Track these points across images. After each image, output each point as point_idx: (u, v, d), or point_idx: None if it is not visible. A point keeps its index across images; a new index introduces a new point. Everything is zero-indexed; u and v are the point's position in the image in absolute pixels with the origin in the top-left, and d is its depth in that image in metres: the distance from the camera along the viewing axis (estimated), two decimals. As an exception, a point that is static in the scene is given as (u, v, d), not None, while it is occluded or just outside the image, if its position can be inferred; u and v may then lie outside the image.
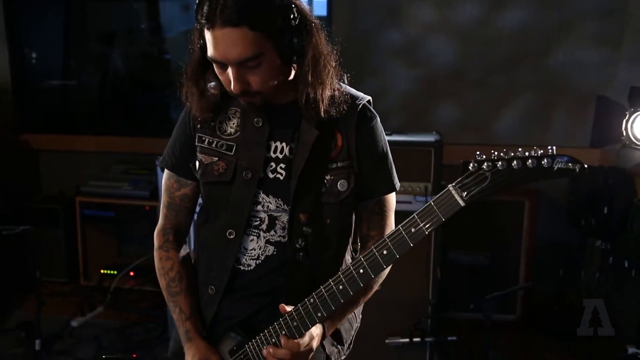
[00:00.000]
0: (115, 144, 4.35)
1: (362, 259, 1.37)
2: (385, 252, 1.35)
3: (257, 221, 1.52)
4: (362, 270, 1.37)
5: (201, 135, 1.56)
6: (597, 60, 3.71)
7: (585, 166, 1.20)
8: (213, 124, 1.55)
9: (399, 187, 1.59)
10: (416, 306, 3.02)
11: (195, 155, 1.56)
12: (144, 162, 4.18)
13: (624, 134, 3.01)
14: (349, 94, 1.52)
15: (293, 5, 1.37)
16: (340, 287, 1.39)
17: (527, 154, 1.22)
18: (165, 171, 1.65)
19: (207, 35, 1.37)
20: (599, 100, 3.41)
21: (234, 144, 1.53)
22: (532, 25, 3.75)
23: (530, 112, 3.87)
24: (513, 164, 1.22)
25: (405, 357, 3.04)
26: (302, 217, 1.49)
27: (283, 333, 1.44)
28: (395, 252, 1.34)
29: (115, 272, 4.09)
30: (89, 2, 4.49)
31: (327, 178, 1.50)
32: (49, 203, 4.22)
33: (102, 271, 4.16)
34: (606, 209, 3.28)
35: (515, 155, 1.23)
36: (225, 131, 1.54)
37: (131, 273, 4.07)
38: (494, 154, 1.24)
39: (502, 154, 1.24)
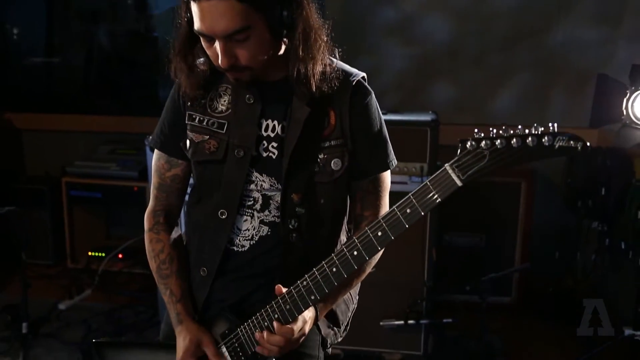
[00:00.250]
0: (101, 123, 4.32)
1: (355, 240, 1.35)
2: (379, 233, 1.33)
3: (250, 201, 1.50)
4: (355, 252, 1.35)
5: (191, 113, 1.54)
6: (596, 39, 3.69)
7: (588, 144, 1.18)
8: (203, 101, 1.53)
9: (395, 164, 1.57)
10: (411, 288, 3.03)
11: (186, 133, 1.54)
12: (132, 142, 4.14)
13: (624, 113, 3.01)
14: (342, 70, 1.50)
15: None
16: (334, 269, 1.37)
17: (527, 132, 1.20)
18: (155, 151, 1.63)
19: (194, 7, 1.34)
20: (599, 79, 3.40)
21: (226, 121, 1.51)
22: (531, 2, 3.73)
23: (528, 92, 3.85)
24: (512, 142, 1.19)
25: (400, 339, 3.05)
26: (294, 197, 1.47)
27: (276, 317, 1.43)
28: (390, 233, 1.32)
29: (104, 255, 4.07)
30: (73, -24, 4.42)
31: (321, 157, 1.48)
32: (34, 184, 4.18)
33: (89, 253, 4.13)
34: (604, 190, 3.28)
35: (515, 133, 1.20)
36: (216, 109, 1.52)
37: (120, 255, 4.06)
38: (492, 132, 1.22)
39: (501, 132, 1.21)
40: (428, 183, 1.27)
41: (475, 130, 1.22)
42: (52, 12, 4.40)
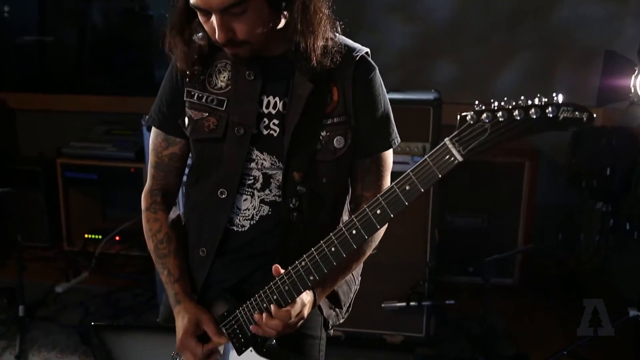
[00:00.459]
0: (96, 103, 4.28)
1: (354, 219, 1.33)
2: (378, 211, 1.30)
3: (250, 180, 1.48)
4: (354, 231, 1.33)
5: (190, 90, 1.51)
6: (603, 15, 3.65)
7: (594, 115, 1.14)
8: (202, 77, 1.49)
9: (398, 142, 1.54)
10: (413, 270, 3.02)
11: (184, 111, 1.51)
12: (128, 122, 4.12)
13: (632, 91, 2.98)
14: (345, 44, 1.47)
15: None
16: (333, 249, 1.35)
17: (530, 103, 1.16)
18: (153, 130, 1.60)
19: None
20: (606, 56, 3.36)
21: (225, 98, 1.48)
22: (535, -22, 3.69)
23: (533, 70, 3.82)
24: (515, 114, 1.15)
25: (402, 321, 3.06)
26: (296, 175, 1.45)
27: (274, 298, 1.41)
28: (389, 211, 1.29)
29: (100, 237, 4.06)
30: (65, -48, 4.36)
31: (323, 134, 1.45)
32: (28, 165, 4.15)
33: (86, 236, 4.12)
34: (609, 170, 3.26)
35: (517, 105, 1.16)
36: (215, 85, 1.49)
37: (117, 237, 4.05)
38: (493, 103, 1.18)
39: (502, 104, 1.17)
40: (427, 159, 1.23)
41: (476, 102, 1.19)
42: (44, -11, 4.35)
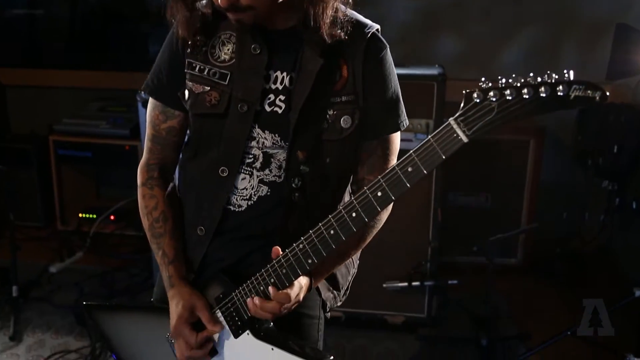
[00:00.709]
0: (90, 79, 4.23)
1: (354, 201, 1.30)
2: (379, 193, 1.27)
3: (250, 158, 1.45)
4: (354, 214, 1.30)
5: (191, 61, 1.46)
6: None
7: (607, 93, 1.11)
8: (205, 48, 1.45)
9: (406, 125, 1.51)
10: (415, 249, 3.01)
11: (184, 83, 1.47)
12: (122, 99, 4.07)
13: (644, 64, 2.94)
14: (355, 19, 1.43)
15: None
16: (332, 232, 1.32)
17: (539, 80, 1.12)
18: (150, 101, 1.55)
19: None
20: (617, 29, 3.30)
21: (228, 72, 1.44)
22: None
23: (539, 45, 3.77)
24: (523, 92, 1.11)
25: (403, 302, 3.05)
26: (300, 154, 1.42)
27: (272, 281, 1.39)
28: (391, 193, 1.26)
29: (95, 216, 4.03)
30: None
31: (330, 113, 1.42)
32: (20, 142, 4.11)
33: (80, 215, 4.09)
34: (616, 147, 3.24)
35: (527, 82, 1.12)
36: (218, 57, 1.45)
37: (112, 217, 4.02)
38: (500, 80, 1.14)
39: (510, 81, 1.14)
40: (431, 139, 1.20)
41: (482, 79, 1.15)
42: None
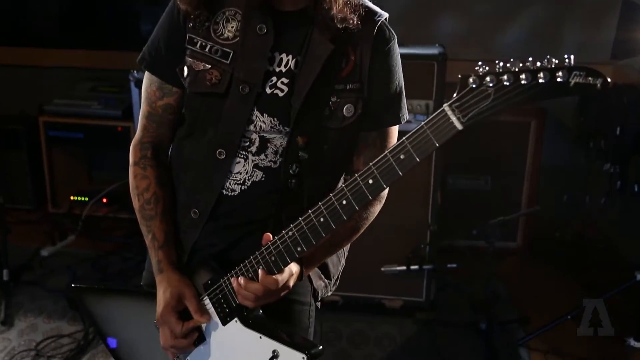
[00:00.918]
0: (81, 58, 4.18)
1: (344, 188, 1.27)
2: (370, 181, 1.23)
3: (246, 142, 1.42)
4: (345, 202, 1.27)
5: (192, 37, 1.42)
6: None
7: (609, 80, 1.07)
8: (207, 24, 1.41)
9: (406, 119, 1.49)
10: (414, 233, 3.00)
11: (184, 59, 1.43)
12: (115, 79, 4.02)
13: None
14: (366, 6, 1.40)
15: None
16: (321, 219, 1.29)
17: (538, 65, 1.08)
18: (146, 76, 1.51)
19: None
20: (623, 7, 3.25)
21: (231, 51, 1.40)
22: None
23: (542, 24, 3.73)
24: (521, 77, 1.08)
25: (402, 286, 3.04)
26: (300, 140, 1.40)
27: (261, 268, 1.37)
28: (382, 181, 1.23)
29: (87, 199, 4.00)
30: None
31: (333, 100, 1.40)
32: (9, 123, 4.06)
33: (71, 198, 4.07)
34: (619, 129, 3.22)
35: (525, 67, 1.08)
36: (221, 34, 1.41)
37: (104, 200, 3.99)
38: (498, 65, 1.10)
39: (508, 65, 1.10)
40: (424, 126, 1.16)
41: (479, 64, 1.11)
42: None
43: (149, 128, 1.53)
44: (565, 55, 1.07)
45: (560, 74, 1.06)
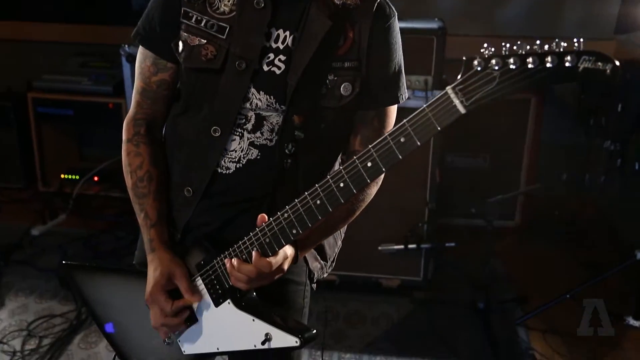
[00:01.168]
0: (70, 33, 4.12)
1: (342, 171, 1.25)
2: (369, 164, 1.22)
3: (242, 119, 1.40)
4: (342, 184, 1.25)
5: (188, 11, 1.40)
6: None
7: (618, 64, 1.04)
8: None
9: (405, 98, 1.47)
10: (412, 211, 2.99)
11: (179, 33, 1.41)
12: (105, 54, 3.98)
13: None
14: None
15: None
16: (318, 202, 1.28)
17: (546, 49, 1.05)
18: (140, 50, 1.49)
19: None
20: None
21: (227, 25, 1.38)
22: None
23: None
24: (528, 61, 1.05)
25: (399, 265, 3.04)
26: (296, 119, 1.38)
27: (255, 250, 1.36)
28: (381, 164, 1.21)
29: (77, 177, 3.97)
30: None
31: (330, 78, 1.38)
32: (-4, 100, 4.01)
33: (62, 176, 4.03)
34: (620, 106, 3.20)
35: (532, 50, 1.06)
36: (217, 9, 1.39)
37: (95, 178, 3.96)
38: (505, 47, 1.08)
39: (515, 48, 1.07)
40: (426, 109, 1.14)
41: (485, 46, 1.08)
42: None
43: (143, 104, 1.52)
44: (575, 40, 1.05)
45: (568, 58, 1.04)
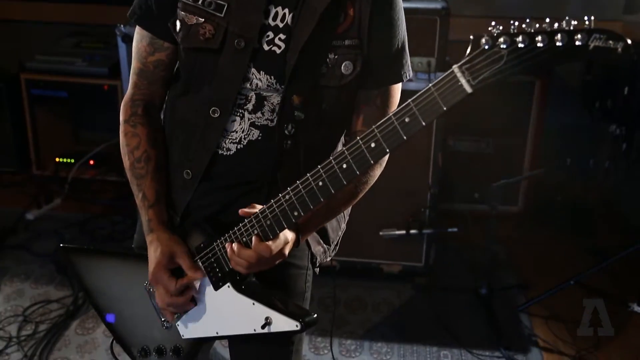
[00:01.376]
0: (64, 12, 4.07)
1: (345, 152, 1.23)
2: (373, 145, 1.20)
3: (242, 99, 1.38)
4: (345, 166, 1.23)
5: None
6: None
7: (629, 42, 1.02)
8: None
9: (409, 76, 1.45)
10: (414, 196, 2.97)
11: (176, 12, 1.39)
12: (100, 35, 3.96)
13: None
14: None
15: None
16: (320, 183, 1.26)
17: (556, 27, 1.03)
18: (137, 30, 1.46)
19: None
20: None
21: (225, 3, 1.36)
22: None
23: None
24: (537, 39, 1.03)
25: (401, 250, 3.03)
26: (295, 99, 1.36)
27: (255, 233, 1.34)
28: (385, 145, 1.19)
29: (73, 161, 3.94)
30: None
31: (330, 57, 1.36)
32: (-11, 81, 3.97)
33: (57, 159, 4.00)
34: (627, 89, 3.17)
35: (541, 29, 1.04)
36: None
37: (91, 162, 3.93)
38: (513, 25, 1.05)
39: (523, 26, 1.05)
40: (432, 88, 1.12)
41: (492, 24, 1.06)
42: None
43: (140, 85, 1.50)
44: (585, 18, 1.02)
45: (579, 36, 1.02)
